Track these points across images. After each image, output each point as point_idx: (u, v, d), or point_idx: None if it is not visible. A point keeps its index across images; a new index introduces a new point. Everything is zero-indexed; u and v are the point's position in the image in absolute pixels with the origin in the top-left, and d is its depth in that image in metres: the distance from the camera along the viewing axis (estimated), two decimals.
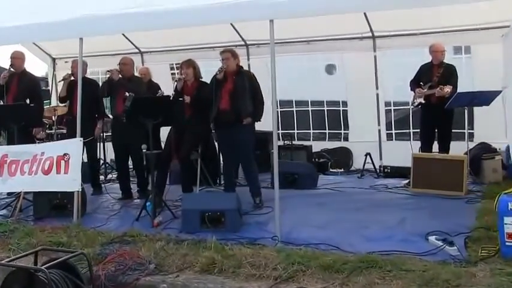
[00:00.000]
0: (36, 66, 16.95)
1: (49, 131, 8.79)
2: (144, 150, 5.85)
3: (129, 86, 6.79)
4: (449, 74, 7.38)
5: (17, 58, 7.70)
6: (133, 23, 5.83)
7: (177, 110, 5.83)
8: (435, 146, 7.59)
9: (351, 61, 8.88)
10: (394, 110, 8.99)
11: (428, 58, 7.79)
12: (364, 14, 8.04)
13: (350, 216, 5.82)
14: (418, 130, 8.59)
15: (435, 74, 7.43)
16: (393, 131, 9.00)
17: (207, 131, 6.91)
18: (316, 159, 8.88)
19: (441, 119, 7.41)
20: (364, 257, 4.32)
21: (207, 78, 10.08)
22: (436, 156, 7.16)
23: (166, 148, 6.67)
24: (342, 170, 8.89)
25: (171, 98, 5.78)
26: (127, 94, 5.82)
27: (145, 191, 7.26)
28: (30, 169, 6.10)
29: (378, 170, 8.51)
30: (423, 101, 7.47)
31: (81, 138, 5.90)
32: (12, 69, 7.64)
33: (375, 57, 8.69)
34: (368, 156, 8.53)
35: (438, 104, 7.26)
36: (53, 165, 5.94)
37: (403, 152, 8.53)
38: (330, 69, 9.80)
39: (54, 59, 10.82)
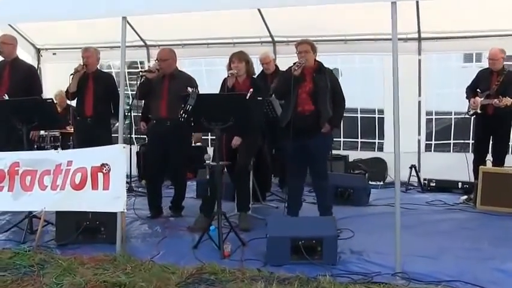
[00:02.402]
0: None
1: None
2: (207, 161, 4.69)
3: (174, 85, 5.79)
4: (510, 83, 6.62)
5: (7, 43, 6.39)
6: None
7: (256, 113, 4.68)
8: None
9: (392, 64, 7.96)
10: (435, 119, 8.18)
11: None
12: (417, 11, 7.21)
13: (454, 243, 4.90)
14: (459, 141, 8.03)
15: (494, 82, 6.68)
16: (433, 142, 8.20)
17: (262, 138, 5.83)
18: (351, 171, 7.94)
19: (498, 129, 6.70)
20: None
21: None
22: (509, 171, 6.39)
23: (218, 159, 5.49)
24: (382, 182, 7.97)
25: (247, 96, 4.62)
26: (189, 89, 4.62)
27: (180, 207, 6.16)
28: (54, 183, 4.77)
29: (422, 184, 7.67)
30: (479, 111, 6.72)
31: (125, 145, 4.65)
32: (1, 56, 6.36)
33: (419, 61, 7.87)
34: (413, 169, 7.72)
35: (495, 115, 6.55)
36: (87, 178, 4.63)
37: (441, 164, 7.90)
38: None
39: (39, 50, 9.34)
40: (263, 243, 4.77)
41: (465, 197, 6.87)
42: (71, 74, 6.23)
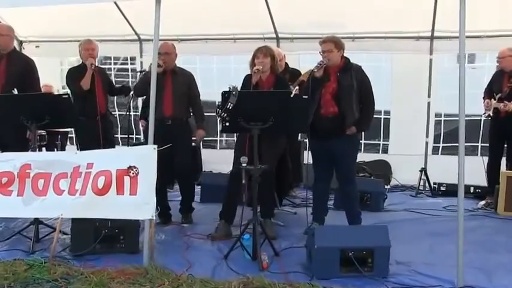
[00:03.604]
0: None
1: None
2: (244, 165, 4.32)
3: (177, 82, 5.52)
4: None
5: (3, 35, 5.85)
6: None
7: (300, 112, 4.33)
8: None
9: (402, 64, 7.78)
10: (444, 121, 8.03)
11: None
12: (434, 8, 7.01)
13: (500, 255, 4.64)
14: (468, 144, 7.89)
15: (505, 84, 6.52)
16: (440, 145, 8.04)
17: (285, 141, 5.49)
18: (356, 174, 7.67)
19: (510, 132, 6.55)
20: None
21: (223, 78, 8.66)
22: None
23: (238, 162, 5.11)
24: (388, 186, 7.74)
25: (291, 95, 4.26)
26: (230, 87, 4.23)
27: (191, 209, 5.78)
28: (72, 187, 4.30)
29: (432, 188, 7.48)
30: (491, 114, 6.58)
31: (155, 146, 4.23)
32: None
33: (431, 60, 7.68)
34: (423, 173, 7.57)
35: (508, 117, 6.41)
36: (112, 182, 4.20)
37: (448, 168, 7.63)
38: None
39: (21, 42, 8.69)
40: (296, 253, 4.56)
41: (483, 202, 6.66)
42: (71, 70, 5.87)
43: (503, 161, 6.77)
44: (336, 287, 3.76)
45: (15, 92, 5.13)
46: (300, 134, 7.00)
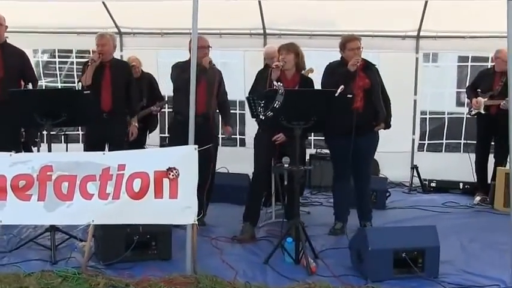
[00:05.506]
0: None
1: None
2: (286, 166, 4.16)
3: (209, 77, 5.19)
4: None
5: (2, 24, 5.47)
6: None
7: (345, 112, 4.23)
8: None
9: (388, 62, 7.76)
10: (429, 119, 8.18)
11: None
12: (424, 8, 7.10)
13: None
14: (452, 141, 8.16)
15: (497, 83, 6.66)
16: (426, 142, 8.18)
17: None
18: None
19: (501, 129, 6.70)
20: None
21: None
22: None
23: (262, 162, 4.93)
24: None
25: (336, 94, 4.12)
26: (276, 84, 4.03)
27: (204, 216, 5.45)
28: (103, 191, 3.96)
29: (423, 185, 7.56)
30: (482, 111, 6.73)
31: (196, 146, 3.97)
32: None
33: (417, 59, 7.79)
34: (414, 170, 7.61)
35: (498, 114, 6.55)
36: (149, 185, 3.92)
37: (434, 164, 7.88)
38: None
39: None
40: (335, 255, 4.49)
41: (478, 198, 6.73)
42: (85, 64, 5.46)
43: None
44: None
45: (30, 86, 4.70)
46: None
